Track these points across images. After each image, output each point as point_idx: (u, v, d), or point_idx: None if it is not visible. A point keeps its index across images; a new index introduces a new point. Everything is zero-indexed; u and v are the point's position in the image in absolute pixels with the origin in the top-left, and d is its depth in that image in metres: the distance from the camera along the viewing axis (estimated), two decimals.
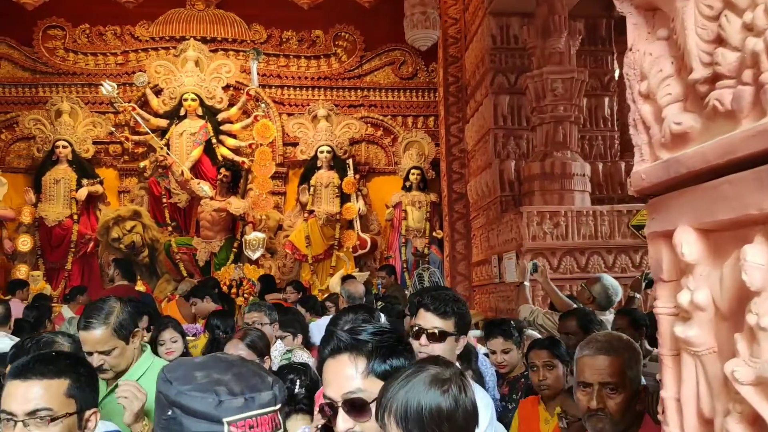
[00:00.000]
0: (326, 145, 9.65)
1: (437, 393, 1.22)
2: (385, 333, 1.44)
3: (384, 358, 1.41)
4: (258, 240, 9.17)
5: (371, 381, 1.39)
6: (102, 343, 2.33)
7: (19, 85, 10.03)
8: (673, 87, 0.98)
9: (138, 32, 10.24)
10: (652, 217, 1.05)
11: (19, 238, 9.19)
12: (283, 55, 10.46)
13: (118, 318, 2.36)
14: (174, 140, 9.51)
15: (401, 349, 1.45)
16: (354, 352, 1.42)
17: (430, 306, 2.26)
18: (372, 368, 1.40)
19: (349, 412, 1.38)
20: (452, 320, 2.24)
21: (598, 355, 1.96)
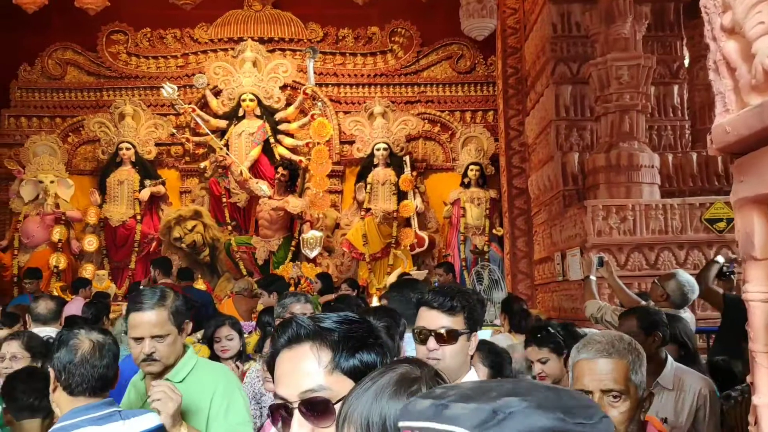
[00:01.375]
0: (383, 143, 9.54)
1: (404, 398, 0.97)
2: (354, 322, 1.19)
3: (353, 351, 1.15)
4: (315, 238, 9.13)
5: (336, 378, 1.13)
6: (158, 326, 2.16)
7: (84, 89, 10.35)
8: (766, 13, 0.77)
9: (197, 34, 10.40)
10: (740, 179, 0.84)
11: (86, 238, 9.45)
12: (339, 52, 10.42)
13: (174, 302, 2.22)
14: (233, 140, 9.59)
15: (373, 343, 1.19)
16: (317, 342, 1.15)
17: (433, 302, 2.04)
18: (338, 363, 1.13)
19: (307, 414, 1.10)
20: (461, 316, 2.02)
21: (598, 359, 1.74)
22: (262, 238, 9.40)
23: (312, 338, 1.16)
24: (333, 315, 1.21)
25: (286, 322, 1.21)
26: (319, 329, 1.16)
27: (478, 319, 2.11)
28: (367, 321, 1.23)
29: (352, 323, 1.19)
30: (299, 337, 1.17)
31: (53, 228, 9.22)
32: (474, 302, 2.07)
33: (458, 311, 2.01)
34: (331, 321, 1.18)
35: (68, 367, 1.98)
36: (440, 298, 2.02)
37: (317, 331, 1.16)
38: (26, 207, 9.37)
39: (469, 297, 2.06)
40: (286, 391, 1.14)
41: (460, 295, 2.05)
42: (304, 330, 1.17)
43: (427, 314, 2.04)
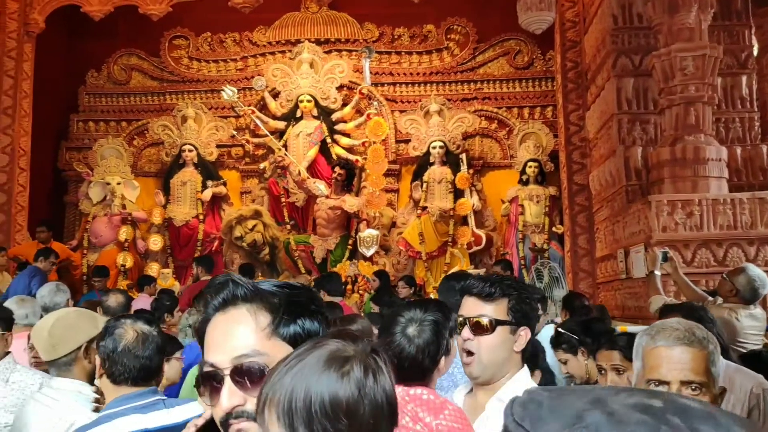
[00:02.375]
0: (439, 141, 9.50)
1: (333, 377, 0.86)
2: (295, 288, 1.10)
3: (294, 316, 1.04)
4: (372, 237, 9.17)
5: (275, 343, 1.02)
6: None
7: (148, 93, 10.68)
8: None
9: (256, 38, 10.59)
10: None
11: (151, 238, 9.75)
12: (395, 51, 10.44)
13: None
14: (291, 141, 9.73)
15: (315, 311, 1.09)
16: (255, 305, 1.04)
17: (472, 289, 1.88)
18: (277, 327, 1.03)
19: (239, 382, 0.98)
20: (503, 305, 1.83)
21: (678, 346, 1.60)
22: (320, 236, 9.49)
23: (250, 300, 1.05)
24: (272, 281, 1.13)
25: (221, 282, 1.09)
26: (258, 290, 1.06)
27: (527, 313, 1.88)
28: (309, 289, 1.17)
29: (294, 288, 1.10)
30: (235, 298, 1.06)
31: (120, 228, 9.53)
32: (522, 293, 1.88)
33: (498, 298, 1.83)
34: (270, 284, 1.09)
35: (111, 356, 2.02)
36: (480, 283, 1.87)
37: (256, 292, 1.06)
38: (95, 208, 9.72)
39: (514, 286, 1.88)
40: (218, 356, 1.02)
41: (502, 282, 1.88)
42: (241, 290, 1.06)
43: (466, 301, 1.90)
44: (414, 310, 1.92)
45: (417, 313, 1.89)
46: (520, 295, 1.86)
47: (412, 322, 1.86)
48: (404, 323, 1.87)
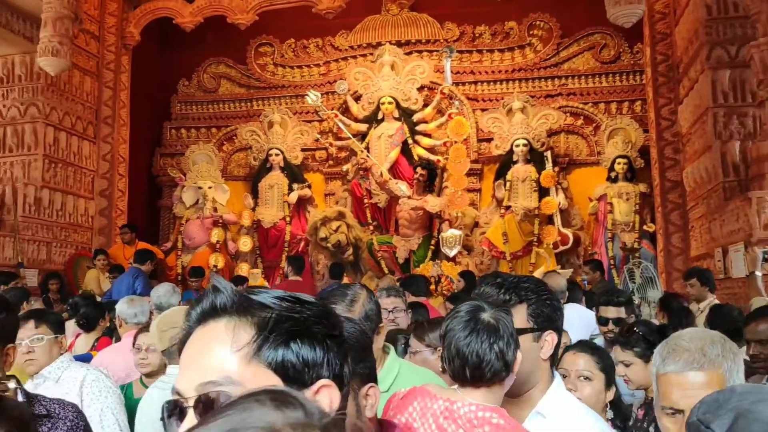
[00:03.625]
0: (522, 139, 9.36)
1: None
2: (303, 303, 0.86)
3: (288, 336, 0.81)
4: (454, 237, 9.14)
5: (255, 370, 0.80)
6: None
7: (236, 100, 11.06)
8: None
9: (338, 42, 10.77)
10: None
11: (241, 240, 10.08)
12: (476, 50, 10.37)
13: (365, 307, 2.02)
14: (373, 143, 9.83)
15: (322, 333, 0.84)
16: (238, 318, 0.83)
17: (486, 298, 1.70)
18: (261, 348, 0.80)
19: (204, 415, 0.75)
20: (522, 310, 1.68)
21: (688, 372, 1.47)
22: (403, 237, 9.54)
23: (233, 312, 0.83)
24: (278, 291, 0.88)
25: (205, 290, 0.88)
26: (245, 301, 0.84)
27: (550, 316, 1.71)
28: (321, 306, 0.88)
29: (301, 303, 0.85)
30: (215, 309, 0.84)
31: (212, 230, 9.90)
32: (542, 295, 1.71)
33: (514, 305, 1.67)
34: (269, 296, 0.86)
35: None
36: (493, 291, 1.71)
37: (241, 303, 0.84)
38: (188, 211, 10.14)
39: (532, 288, 1.71)
40: (183, 382, 0.82)
41: (517, 286, 1.71)
42: (222, 299, 0.84)
43: None
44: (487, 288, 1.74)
45: None
46: (540, 298, 1.71)
47: (491, 311, 1.63)
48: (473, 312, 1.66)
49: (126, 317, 4.11)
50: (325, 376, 0.84)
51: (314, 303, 0.87)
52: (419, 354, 2.80)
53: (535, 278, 1.80)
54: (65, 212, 8.92)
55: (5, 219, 8.03)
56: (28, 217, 8.23)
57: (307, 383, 0.82)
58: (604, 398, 2.39)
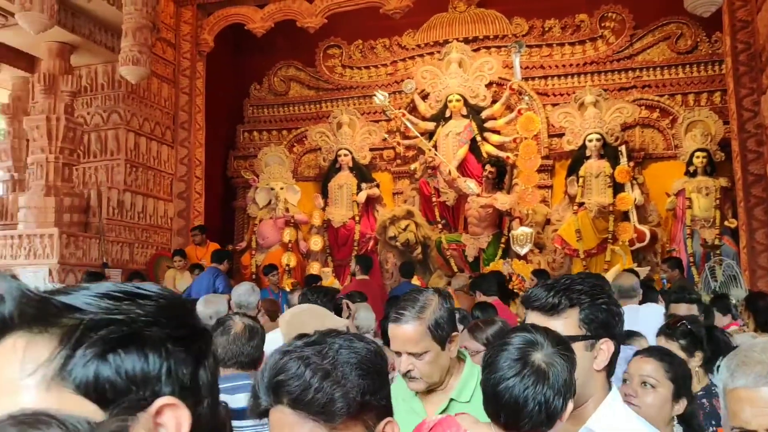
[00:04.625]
0: (595, 133, 9.13)
1: None
2: (139, 298, 0.65)
3: (107, 347, 0.61)
4: (525, 235, 9.02)
5: (58, 396, 0.59)
6: (413, 343, 1.89)
7: (306, 102, 11.26)
8: None
9: (405, 41, 10.80)
10: None
11: (312, 239, 10.26)
12: (546, 44, 10.20)
13: (435, 314, 1.91)
14: (441, 141, 9.81)
15: (157, 337, 0.64)
16: (28, 331, 0.61)
17: (532, 302, 1.58)
18: (63, 367, 0.60)
19: None
20: (574, 316, 1.53)
21: (762, 386, 1.25)
22: (472, 235, 9.48)
23: (22, 324, 0.61)
24: (101, 287, 0.66)
25: None
26: (43, 306, 0.62)
27: (606, 322, 1.55)
28: (171, 298, 0.68)
29: (132, 298, 0.65)
30: (4, 322, 0.61)
31: (284, 230, 10.11)
32: (597, 299, 1.55)
33: (564, 310, 1.53)
34: (85, 294, 0.64)
35: (221, 343, 2.42)
36: (542, 293, 1.57)
37: (38, 310, 0.62)
38: (261, 212, 10.40)
39: (585, 291, 1.55)
40: None
41: (569, 288, 1.55)
42: (10, 307, 0.61)
43: (529, 317, 1.60)
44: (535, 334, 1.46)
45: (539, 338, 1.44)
46: (594, 302, 1.54)
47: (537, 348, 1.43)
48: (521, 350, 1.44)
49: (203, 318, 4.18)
50: (167, 392, 0.63)
51: (154, 295, 0.66)
52: (479, 355, 2.76)
53: (592, 280, 1.63)
54: (146, 214, 9.30)
55: (91, 222, 8.44)
56: (111, 220, 8.62)
57: (139, 405, 0.61)
58: (669, 410, 2.16)
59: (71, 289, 0.65)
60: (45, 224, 7.80)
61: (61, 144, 8.00)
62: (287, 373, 0.96)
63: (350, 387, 0.96)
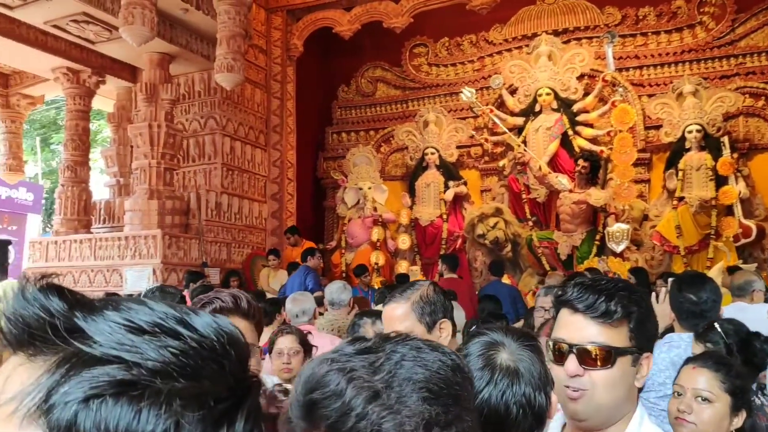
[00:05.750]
0: (695, 124, 8.71)
1: None
2: (171, 334, 0.54)
3: (92, 392, 0.48)
4: (621, 231, 8.71)
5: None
6: (398, 322, 1.91)
7: (392, 102, 11.34)
8: None
9: (492, 37, 10.68)
10: None
11: (399, 238, 10.32)
12: (640, 33, 9.82)
13: (420, 297, 1.93)
14: (530, 136, 9.64)
15: (162, 395, 0.50)
16: (26, 352, 0.52)
17: (577, 303, 1.34)
18: (45, 402, 0.48)
19: None
20: (624, 326, 1.33)
21: None
22: (564, 232, 9.25)
23: (22, 344, 0.52)
24: (153, 310, 0.55)
25: None
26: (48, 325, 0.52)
27: (652, 335, 1.39)
28: (211, 341, 0.54)
29: (162, 333, 0.53)
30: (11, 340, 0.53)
31: (372, 229, 10.23)
32: (645, 306, 1.37)
33: (619, 319, 1.32)
34: (117, 318, 0.54)
35: None
36: (590, 296, 1.33)
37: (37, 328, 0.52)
38: (350, 211, 10.56)
39: (637, 298, 1.36)
40: None
41: (622, 293, 1.34)
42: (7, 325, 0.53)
43: (569, 320, 1.36)
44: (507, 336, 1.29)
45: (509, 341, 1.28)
46: (642, 311, 1.36)
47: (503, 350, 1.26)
48: None
49: (290, 316, 4.29)
50: None
51: (191, 336, 0.54)
52: None
53: (627, 281, 1.45)
54: (242, 215, 9.64)
55: (191, 223, 8.83)
56: (210, 221, 8.99)
57: None
58: (727, 426, 1.96)
59: (118, 305, 0.54)
60: (149, 226, 8.23)
61: (163, 150, 8.41)
62: (323, 390, 0.71)
63: (407, 415, 0.69)
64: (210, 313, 0.57)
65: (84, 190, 9.50)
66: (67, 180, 9.40)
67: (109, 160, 10.51)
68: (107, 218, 9.65)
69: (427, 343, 0.78)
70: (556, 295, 1.41)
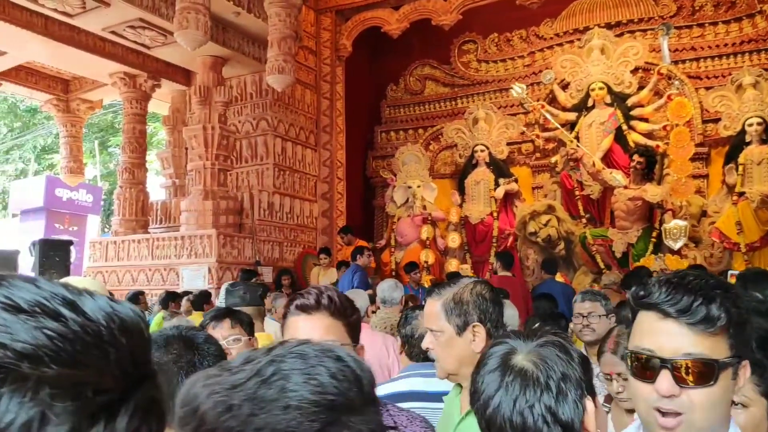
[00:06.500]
0: (756, 117, 8.41)
1: None
2: (53, 316, 0.48)
3: None
4: (679, 228, 8.47)
5: None
6: (431, 319, 1.81)
7: (441, 100, 11.31)
8: None
9: (542, 31, 10.55)
10: None
11: (449, 236, 10.28)
12: (697, 24, 9.54)
13: (453, 295, 1.79)
14: (583, 132, 9.47)
15: (28, 380, 0.46)
16: None
17: (668, 306, 1.10)
18: None
19: None
20: (725, 332, 1.09)
21: None
22: (619, 230, 9.06)
23: None
24: (39, 288, 0.50)
25: None
26: None
27: (750, 337, 1.18)
28: (97, 323, 0.49)
29: (45, 314, 0.48)
30: None
31: (421, 227, 10.21)
32: (743, 305, 1.13)
33: (721, 326, 1.07)
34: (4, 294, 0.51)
35: (410, 340, 2.48)
36: (684, 297, 1.09)
37: None
38: (399, 210, 10.57)
39: (734, 296, 1.11)
40: None
41: (720, 292, 1.10)
42: None
43: (658, 327, 1.11)
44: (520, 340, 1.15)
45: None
46: (743, 312, 1.12)
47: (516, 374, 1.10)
48: None
49: None
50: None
51: (75, 319, 0.49)
52: None
53: (715, 275, 1.22)
54: (293, 215, 9.76)
55: (245, 223, 8.99)
56: (262, 221, 9.13)
57: None
58: (765, 431, 1.79)
59: (1, 281, 0.49)
60: (204, 226, 8.41)
61: (217, 151, 8.59)
62: (186, 408, 0.67)
63: (258, 427, 0.63)
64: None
65: (141, 191, 9.77)
66: (125, 182, 9.68)
67: (165, 162, 10.78)
68: (164, 218, 9.91)
69: (315, 351, 0.70)
70: (637, 296, 1.17)
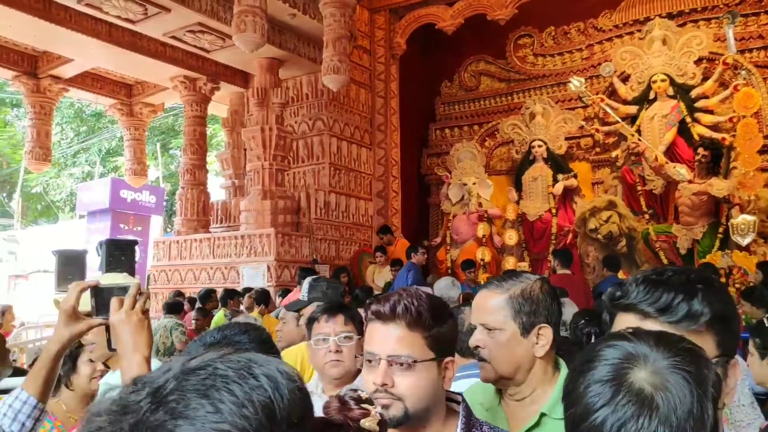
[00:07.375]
0: None
1: None
2: None
3: None
4: (747, 223, 8.14)
5: None
6: (488, 312, 1.63)
7: (496, 95, 11.17)
8: None
9: (601, 23, 10.29)
10: None
11: (506, 233, 10.15)
12: (764, 11, 9.14)
13: (523, 289, 1.62)
14: (645, 125, 9.21)
15: None
16: None
17: (646, 305, 1.05)
18: None
19: None
20: (710, 329, 1.05)
21: None
22: (684, 225, 8.77)
23: None
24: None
25: None
26: None
27: (738, 334, 1.11)
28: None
29: None
30: None
31: (478, 225, 10.12)
32: (728, 299, 1.08)
33: (705, 322, 1.03)
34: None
35: (458, 336, 2.36)
36: (663, 295, 1.04)
37: None
38: (454, 207, 10.50)
39: (718, 291, 1.06)
40: None
41: (702, 286, 1.05)
42: None
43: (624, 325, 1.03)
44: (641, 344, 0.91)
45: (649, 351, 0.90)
46: (728, 307, 1.09)
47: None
48: None
49: None
50: None
51: None
52: None
53: (696, 269, 1.12)
54: (349, 213, 9.83)
55: (302, 221, 9.11)
56: (319, 219, 9.23)
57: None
58: None
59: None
60: (263, 225, 8.56)
61: (274, 152, 8.73)
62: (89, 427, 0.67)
63: None
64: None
65: (202, 192, 10.02)
66: (187, 183, 9.94)
67: (225, 163, 11.02)
68: (224, 218, 10.13)
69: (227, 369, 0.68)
70: (613, 297, 1.09)
